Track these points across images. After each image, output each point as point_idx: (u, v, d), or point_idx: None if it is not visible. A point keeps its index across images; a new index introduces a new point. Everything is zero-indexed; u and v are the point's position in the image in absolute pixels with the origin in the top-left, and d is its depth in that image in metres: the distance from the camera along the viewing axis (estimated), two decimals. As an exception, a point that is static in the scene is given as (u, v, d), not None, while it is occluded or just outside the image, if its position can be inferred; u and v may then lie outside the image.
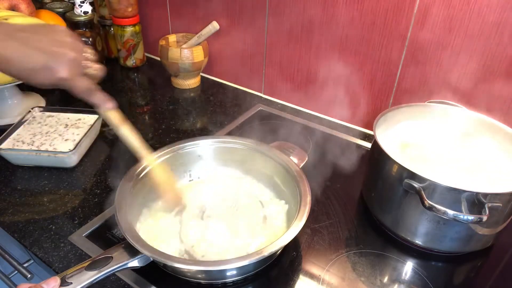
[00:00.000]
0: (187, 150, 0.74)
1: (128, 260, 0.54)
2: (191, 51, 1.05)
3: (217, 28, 1.06)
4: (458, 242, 0.64)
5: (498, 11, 0.72)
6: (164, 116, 1.01)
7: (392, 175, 0.65)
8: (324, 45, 0.94)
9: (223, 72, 1.18)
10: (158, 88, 1.14)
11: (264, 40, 1.03)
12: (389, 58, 0.87)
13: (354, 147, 0.92)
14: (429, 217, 0.62)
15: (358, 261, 0.65)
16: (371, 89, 0.93)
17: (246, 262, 0.53)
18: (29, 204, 0.74)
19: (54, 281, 0.48)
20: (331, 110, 1.01)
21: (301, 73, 1.01)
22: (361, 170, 0.78)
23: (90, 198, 0.76)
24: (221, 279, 0.60)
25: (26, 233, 0.68)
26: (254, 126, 0.98)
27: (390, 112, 0.74)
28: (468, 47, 0.77)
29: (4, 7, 0.96)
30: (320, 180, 0.79)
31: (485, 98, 0.79)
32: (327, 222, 0.71)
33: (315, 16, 0.92)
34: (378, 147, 0.66)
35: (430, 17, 0.78)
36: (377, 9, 0.83)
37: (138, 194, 0.66)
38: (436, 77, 0.83)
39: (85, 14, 1.10)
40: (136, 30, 1.16)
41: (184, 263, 0.53)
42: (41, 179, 0.80)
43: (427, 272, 0.64)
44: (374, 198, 0.72)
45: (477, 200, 0.57)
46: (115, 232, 0.68)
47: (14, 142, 0.83)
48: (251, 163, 0.75)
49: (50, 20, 1.03)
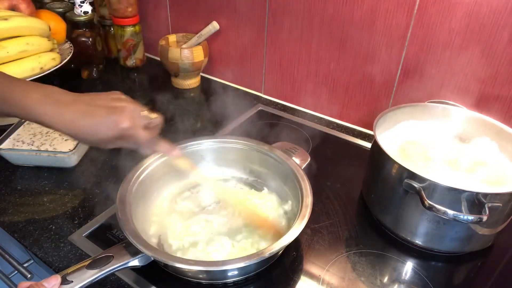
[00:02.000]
0: (188, 150, 0.74)
1: (129, 260, 0.54)
2: (191, 51, 1.05)
3: (217, 28, 1.06)
4: (458, 242, 0.65)
5: (499, 11, 0.72)
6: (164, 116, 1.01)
7: (392, 175, 0.65)
8: (324, 45, 0.94)
9: (223, 72, 1.18)
10: (158, 88, 1.14)
11: (264, 40, 1.03)
12: (389, 58, 0.87)
13: (354, 147, 0.92)
14: (429, 217, 0.62)
15: (358, 261, 0.65)
16: (371, 89, 0.93)
17: (247, 263, 0.53)
18: (29, 204, 0.74)
19: (55, 279, 0.48)
20: (331, 110, 1.01)
21: (301, 73, 1.01)
22: (361, 170, 0.78)
23: (90, 198, 0.76)
24: (222, 279, 0.60)
25: (26, 233, 0.68)
26: (254, 126, 0.98)
27: (390, 112, 0.74)
28: (468, 47, 0.77)
29: (4, 7, 0.96)
30: (320, 180, 0.79)
31: (485, 98, 0.80)
32: (327, 222, 0.71)
33: (315, 16, 0.92)
34: (378, 147, 0.66)
35: (430, 17, 0.78)
36: (377, 9, 0.83)
37: (140, 193, 0.66)
38: (436, 77, 0.83)
39: (85, 14, 1.09)
40: (136, 30, 1.16)
41: (185, 263, 0.53)
42: (41, 179, 0.79)
43: (427, 272, 0.64)
44: (374, 198, 0.72)
45: (477, 200, 0.57)
46: (115, 232, 0.68)
47: (14, 142, 0.83)
48: (251, 163, 0.75)
49: (50, 20, 1.03)
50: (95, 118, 0.52)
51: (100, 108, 0.52)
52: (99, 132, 0.52)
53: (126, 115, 0.53)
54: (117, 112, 0.53)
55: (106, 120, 0.52)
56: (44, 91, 0.52)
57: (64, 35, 1.09)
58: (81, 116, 0.51)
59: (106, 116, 0.52)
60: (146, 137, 0.56)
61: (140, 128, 0.55)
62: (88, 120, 0.52)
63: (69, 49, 1.04)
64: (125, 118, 0.53)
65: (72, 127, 0.52)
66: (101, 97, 0.55)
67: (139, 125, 0.55)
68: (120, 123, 0.52)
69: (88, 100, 0.53)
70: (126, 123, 0.53)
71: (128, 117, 0.53)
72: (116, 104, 0.54)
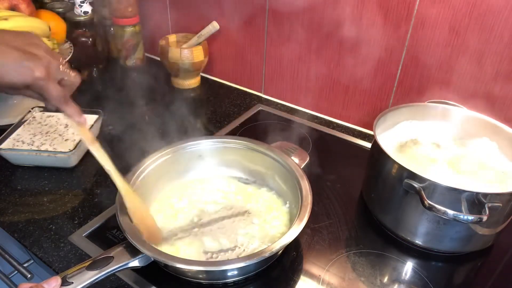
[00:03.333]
0: (188, 150, 0.74)
1: (129, 260, 0.54)
2: (191, 51, 1.05)
3: (217, 28, 1.06)
4: (458, 242, 0.65)
5: (498, 11, 0.72)
6: (164, 116, 1.01)
7: (392, 175, 0.65)
8: (324, 45, 0.94)
9: (223, 72, 1.18)
10: (158, 88, 1.14)
11: (264, 40, 1.03)
12: (389, 58, 0.87)
13: (354, 147, 0.92)
14: (429, 217, 0.62)
15: (358, 261, 0.65)
16: (371, 89, 0.93)
17: (247, 263, 0.53)
18: (29, 204, 0.74)
19: (55, 280, 0.48)
20: (331, 110, 1.01)
21: (301, 73, 1.01)
22: (361, 170, 0.78)
23: (90, 198, 0.76)
24: (222, 279, 0.60)
25: (26, 233, 0.68)
26: (254, 126, 0.98)
27: (390, 112, 0.74)
28: (468, 47, 0.77)
29: (4, 7, 0.96)
30: (320, 180, 0.79)
31: (485, 98, 0.80)
32: (327, 222, 0.71)
33: (315, 16, 0.92)
34: (378, 147, 0.66)
35: (430, 17, 0.78)
36: (377, 9, 0.83)
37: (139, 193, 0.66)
38: (436, 77, 0.83)
39: (85, 14, 1.09)
40: (136, 30, 1.16)
41: (185, 263, 0.53)
42: (41, 179, 0.79)
43: (427, 272, 0.64)
44: (374, 198, 0.72)
45: (477, 200, 0.57)
46: (115, 232, 0.68)
47: (14, 142, 0.83)
48: (251, 163, 0.75)
49: (50, 20, 1.03)
50: (6, 60, 0.47)
51: (14, 49, 0.48)
52: (9, 75, 0.48)
53: (41, 64, 0.49)
54: (33, 59, 0.49)
55: (18, 65, 0.48)
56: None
57: (64, 35, 1.09)
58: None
59: (19, 60, 0.48)
60: (57, 93, 0.51)
61: (53, 82, 0.51)
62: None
63: (69, 49, 1.04)
64: (40, 67, 0.49)
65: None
66: (18, 38, 0.50)
67: (53, 78, 0.51)
68: (34, 72, 0.48)
69: (2, 39, 0.49)
70: (40, 72, 0.49)
71: (44, 67, 0.49)
72: (33, 50, 0.49)
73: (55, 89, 0.51)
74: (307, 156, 0.75)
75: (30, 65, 0.48)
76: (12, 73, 0.48)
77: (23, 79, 0.49)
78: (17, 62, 0.48)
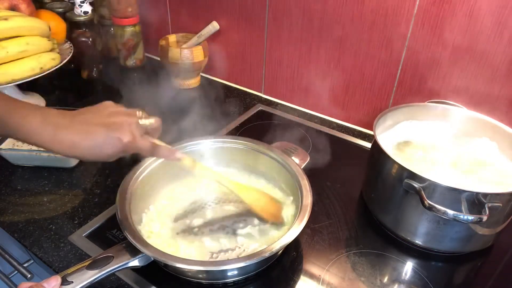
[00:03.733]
0: (188, 150, 0.74)
1: (129, 260, 0.54)
2: (191, 51, 1.05)
3: (217, 28, 1.06)
4: (458, 242, 0.65)
5: (498, 11, 0.72)
6: (164, 116, 1.00)
7: (392, 175, 0.65)
8: (324, 45, 0.94)
9: (223, 72, 1.18)
10: (158, 88, 1.14)
11: (264, 40, 1.03)
12: (389, 58, 0.87)
13: (354, 147, 0.92)
14: (429, 217, 0.62)
15: (358, 261, 0.65)
16: (371, 89, 0.93)
17: (247, 263, 0.53)
18: (29, 204, 0.74)
19: (55, 280, 0.48)
20: (331, 110, 1.01)
21: (301, 73, 1.01)
22: (361, 170, 0.78)
23: (90, 198, 0.76)
24: (222, 279, 0.60)
25: (26, 233, 0.68)
26: (254, 126, 0.98)
27: (390, 112, 0.74)
28: (468, 47, 0.77)
29: (4, 7, 0.96)
30: (320, 180, 0.79)
31: (485, 98, 0.80)
32: (327, 222, 0.71)
33: (315, 15, 0.92)
34: (378, 147, 0.66)
35: (430, 16, 0.78)
36: (377, 9, 0.83)
37: (139, 193, 0.66)
38: (436, 77, 0.83)
39: (85, 14, 1.09)
40: (136, 30, 1.16)
41: (185, 263, 0.53)
42: (41, 179, 0.79)
43: (427, 272, 0.64)
44: (374, 198, 0.72)
45: (477, 200, 0.57)
46: (115, 232, 0.68)
47: (14, 142, 0.83)
48: (251, 163, 0.75)
49: (50, 20, 1.03)
50: (96, 138, 0.51)
51: (98, 126, 0.52)
52: (103, 151, 0.52)
53: (125, 129, 0.53)
54: (116, 128, 0.52)
55: (107, 139, 0.52)
56: (42, 114, 0.51)
57: (64, 35, 1.09)
58: (81, 138, 0.51)
59: (106, 134, 0.52)
60: (147, 145, 0.56)
61: (140, 138, 0.55)
62: (89, 142, 0.51)
63: (69, 49, 1.04)
64: (125, 133, 0.53)
65: (75, 151, 0.52)
66: (97, 114, 0.54)
67: (139, 135, 0.54)
68: (122, 139, 0.52)
69: (85, 120, 0.53)
70: (127, 137, 0.52)
71: (128, 131, 0.53)
72: (113, 119, 0.53)
73: (144, 144, 0.55)
74: (307, 156, 0.75)
75: (117, 135, 0.52)
76: (105, 148, 0.52)
77: (116, 149, 0.53)
78: (105, 137, 0.52)
